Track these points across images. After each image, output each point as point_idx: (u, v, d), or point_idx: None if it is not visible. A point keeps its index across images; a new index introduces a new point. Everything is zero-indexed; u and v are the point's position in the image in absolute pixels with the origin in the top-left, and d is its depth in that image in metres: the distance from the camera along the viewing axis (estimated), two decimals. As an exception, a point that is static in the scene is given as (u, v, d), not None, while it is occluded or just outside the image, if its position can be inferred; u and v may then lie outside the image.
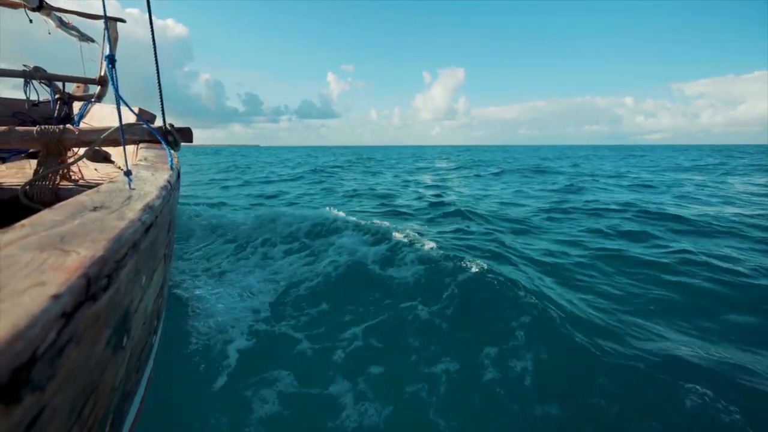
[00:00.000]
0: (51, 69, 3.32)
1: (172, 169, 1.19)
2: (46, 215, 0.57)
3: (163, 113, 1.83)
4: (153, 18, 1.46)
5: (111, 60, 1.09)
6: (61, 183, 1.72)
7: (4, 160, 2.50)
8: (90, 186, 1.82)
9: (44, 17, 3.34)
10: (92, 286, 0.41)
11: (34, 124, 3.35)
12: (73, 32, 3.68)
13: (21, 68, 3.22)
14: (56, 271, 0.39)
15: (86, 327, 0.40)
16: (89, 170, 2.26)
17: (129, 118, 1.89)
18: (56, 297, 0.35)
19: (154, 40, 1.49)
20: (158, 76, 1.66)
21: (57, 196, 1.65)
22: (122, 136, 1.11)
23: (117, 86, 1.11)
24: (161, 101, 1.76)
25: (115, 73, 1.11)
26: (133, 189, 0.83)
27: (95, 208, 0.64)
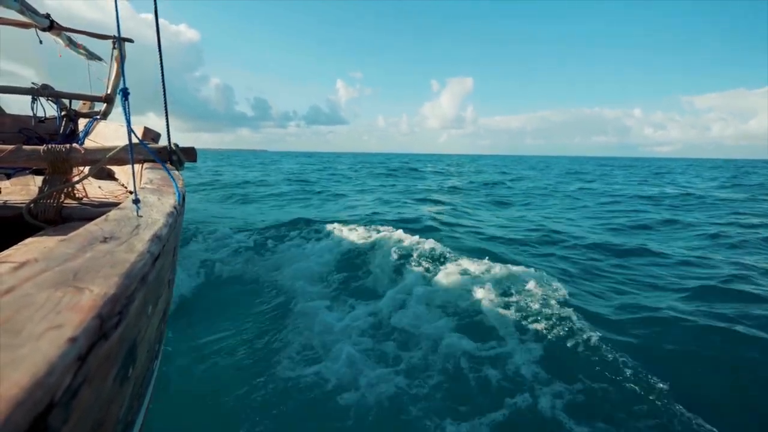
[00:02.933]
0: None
1: (177, 192, 1.21)
2: (58, 248, 0.58)
3: (168, 133, 1.86)
4: (160, 33, 1.50)
5: (125, 93, 1.12)
6: (66, 201, 1.74)
7: (8, 176, 2.52)
8: (93, 204, 1.84)
9: (54, 37, 3.42)
10: (105, 325, 0.42)
11: (39, 140, 3.39)
12: (82, 51, 3.76)
13: (29, 86, 3.29)
14: (71, 312, 0.40)
15: (98, 366, 0.41)
16: (93, 188, 2.28)
17: (135, 137, 1.92)
18: (73, 340, 0.36)
19: (162, 65, 1.53)
20: (165, 97, 1.70)
21: (61, 215, 1.66)
22: (132, 162, 1.13)
23: (129, 115, 1.14)
24: (167, 121, 1.80)
25: (128, 103, 1.14)
26: (141, 217, 0.84)
27: (105, 239, 0.66)
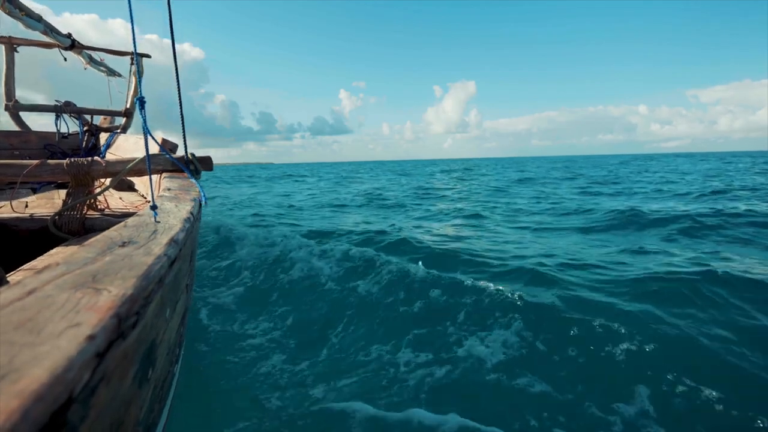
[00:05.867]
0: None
1: (194, 200, 1.23)
2: (79, 252, 0.60)
3: (185, 144, 1.91)
4: (175, 49, 1.54)
5: (141, 102, 1.16)
6: (88, 213, 1.79)
7: (35, 191, 2.62)
8: (115, 215, 1.89)
9: (76, 55, 3.56)
10: (122, 324, 0.43)
11: (63, 155, 3.52)
12: (102, 68, 3.90)
13: (54, 103, 3.43)
14: (90, 311, 0.41)
15: (116, 365, 0.42)
16: (114, 199, 2.35)
17: (153, 148, 1.98)
18: (91, 338, 0.37)
19: (178, 80, 1.57)
20: (181, 110, 1.74)
21: (84, 226, 1.71)
22: (149, 170, 1.16)
23: (146, 123, 1.18)
24: (183, 133, 1.84)
25: (144, 112, 1.17)
26: (158, 222, 0.86)
27: (124, 244, 0.67)
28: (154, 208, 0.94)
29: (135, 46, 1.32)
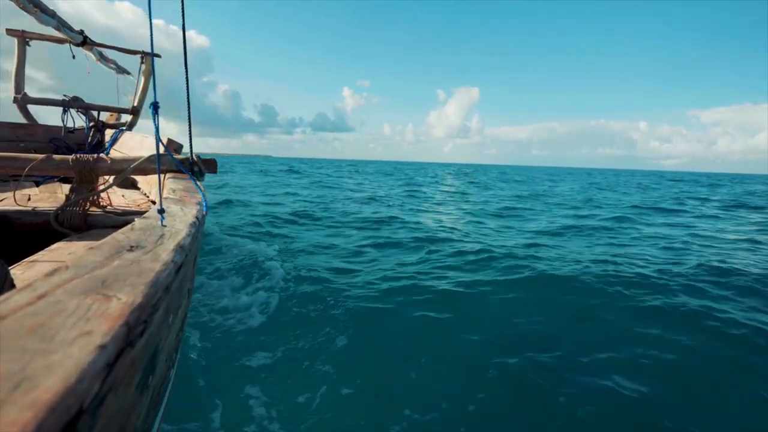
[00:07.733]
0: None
1: (198, 203, 1.24)
2: (87, 255, 0.60)
3: (191, 145, 1.92)
4: (186, 56, 1.55)
5: (155, 107, 1.17)
6: (91, 209, 1.80)
7: (37, 184, 2.62)
8: (117, 213, 1.89)
9: (87, 52, 3.59)
10: (131, 333, 0.43)
11: (68, 149, 3.53)
12: (112, 66, 3.93)
13: (61, 98, 3.45)
14: (100, 319, 0.41)
15: (124, 374, 0.42)
16: (117, 196, 2.35)
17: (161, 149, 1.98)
18: (102, 347, 0.37)
19: (187, 80, 1.58)
20: (189, 115, 1.75)
21: (86, 222, 1.71)
22: (159, 173, 1.16)
23: (158, 127, 1.19)
24: (190, 135, 1.85)
25: (158, 117, 1.18)
26: (165, 226, 0.87)
27: (131, 248, 0.67)
28: (161, 212, 0.94)
29: (152, 46, 1.33)
